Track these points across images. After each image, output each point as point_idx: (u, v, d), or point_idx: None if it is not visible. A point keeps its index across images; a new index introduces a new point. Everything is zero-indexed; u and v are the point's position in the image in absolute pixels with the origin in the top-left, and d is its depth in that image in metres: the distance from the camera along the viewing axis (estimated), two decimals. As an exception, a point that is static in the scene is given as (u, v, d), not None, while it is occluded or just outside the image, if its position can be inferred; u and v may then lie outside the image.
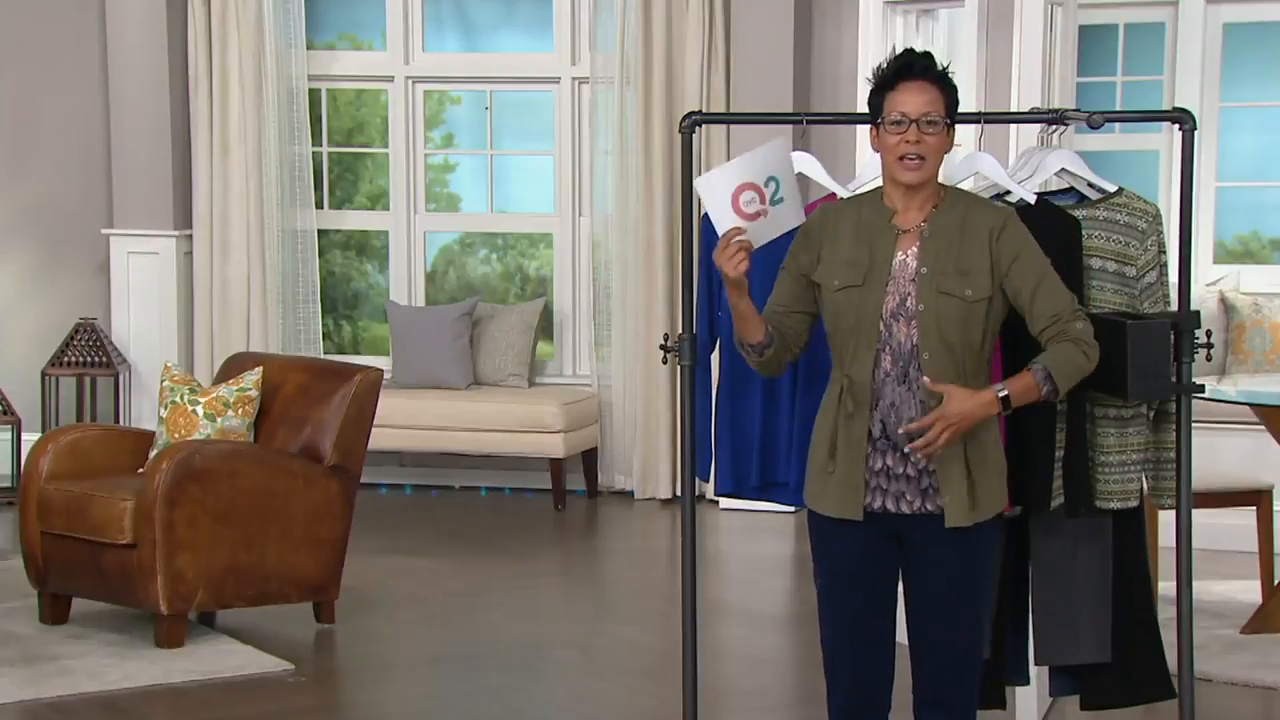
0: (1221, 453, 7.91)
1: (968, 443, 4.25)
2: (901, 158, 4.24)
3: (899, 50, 4.39)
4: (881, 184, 4.40)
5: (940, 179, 4.40)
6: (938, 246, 4.26)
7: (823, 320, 4.36)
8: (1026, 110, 5.74)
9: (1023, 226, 4.32)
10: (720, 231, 4.26)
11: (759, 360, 4.39)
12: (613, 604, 7.90)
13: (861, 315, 4.26)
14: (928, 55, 4.29)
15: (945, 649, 4.34)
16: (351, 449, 7.07)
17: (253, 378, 7.16)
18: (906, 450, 4.23)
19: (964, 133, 5.25)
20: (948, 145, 4.30)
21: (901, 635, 4.42)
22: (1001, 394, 4.20)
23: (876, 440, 4.28)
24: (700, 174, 5.02)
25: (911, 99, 4.23)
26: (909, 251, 4.29)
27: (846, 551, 4.34)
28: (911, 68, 4.25)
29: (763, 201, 4.20)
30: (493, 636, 7.15)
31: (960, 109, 4.35)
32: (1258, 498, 7.18)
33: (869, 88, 4.33)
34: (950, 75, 4.31)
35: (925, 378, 4.21)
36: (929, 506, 4.28)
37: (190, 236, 10.13)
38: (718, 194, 4.25)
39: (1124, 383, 4.69)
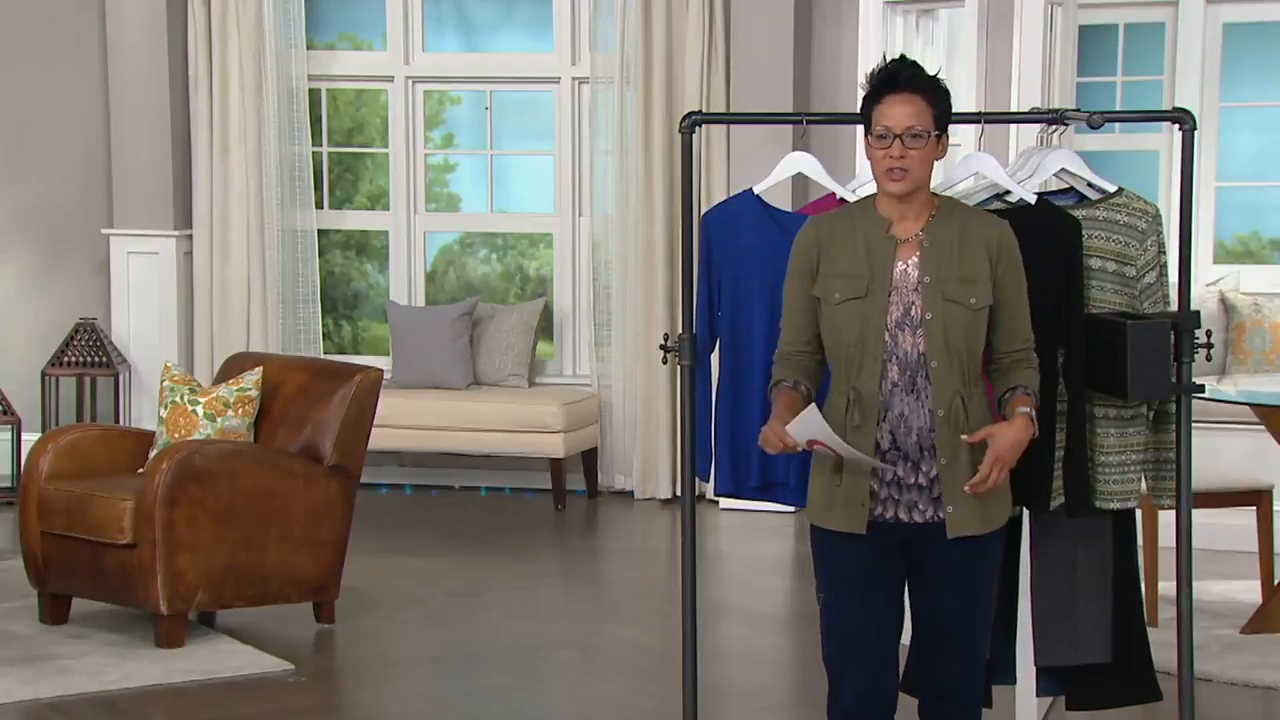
0: (1221, 453, 7.90)
1: (976, 453, 4.25)
2: (888, 170, 4.22)
3: (889, 57, 4.35)
4: (874, 191, 4.38)
5: (940, 179, 4.39)
6: (939, 256, 4.24)
7: (822, 333, 4.34)
8: (1026, 110, 5.74)
9: (1016, 241, 4.32)
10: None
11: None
12: (613, 604, 7.89)
13: (866, 327, 4.24)
14: (914, 65, 4.24)
15: (952, 652, 4.34)
16: (351, 449, 7.07)
17: (253, 378, 7.16)
18: (967, 489, 4.22)
19: (964, 133, 5.26)
20: (940, 152, 4.26)
21: (905, 635, 4.43)
22: (1031, 414, 4.24)
23: (886, 452, 4.26)
24: (699, 175, 4.99)
25: (894, 112, 4.19)
26: (909, 261, 4.27)
27: (853, 565, 4.33)
28: (895, 79, 4.20)
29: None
30: (493, 636, 7.15)
31: (960, 109, 4.33)
32: (1258, 498, 7.17)
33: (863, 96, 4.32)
34: (941, 81, 4.26)
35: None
36: (941, 515, 4.27)
37: (190, 236, 10.13)
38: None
39: (1124, 383, 4.69)
